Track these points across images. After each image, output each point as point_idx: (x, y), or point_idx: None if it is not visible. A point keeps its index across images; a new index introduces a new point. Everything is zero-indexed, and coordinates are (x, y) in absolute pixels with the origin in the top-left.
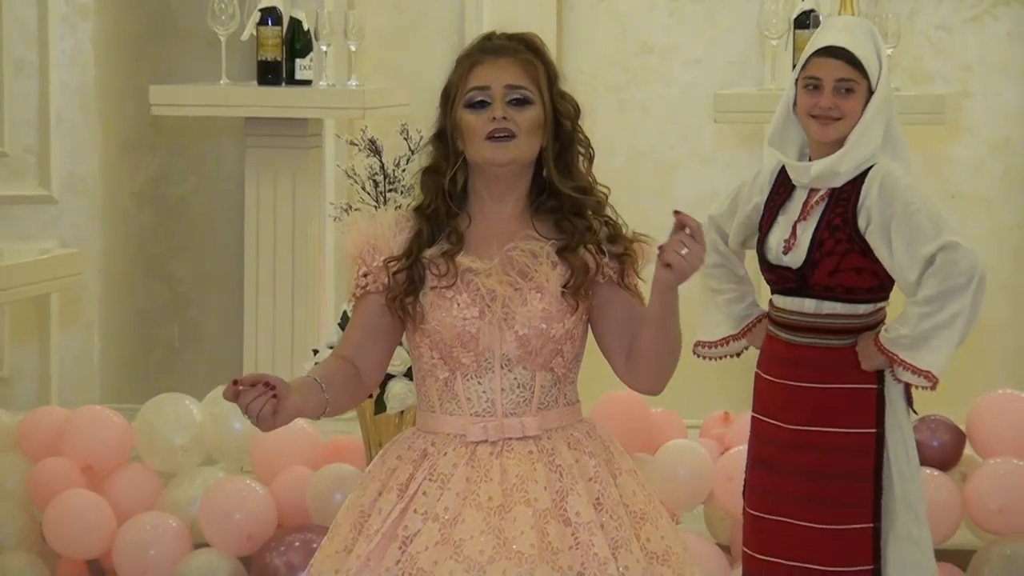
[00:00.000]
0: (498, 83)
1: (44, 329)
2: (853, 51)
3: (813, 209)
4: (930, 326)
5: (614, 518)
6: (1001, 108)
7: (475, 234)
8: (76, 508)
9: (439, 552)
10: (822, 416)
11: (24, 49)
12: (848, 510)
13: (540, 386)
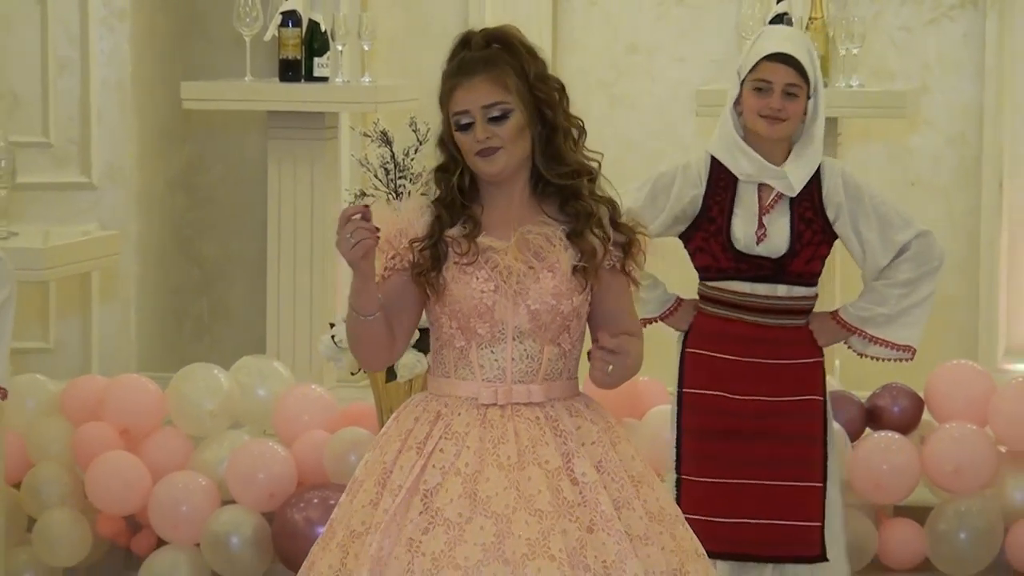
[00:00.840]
0: (475, 105)
1: (85, 304)
2: (799, 59)
3: (777, 203)
4: (907, 305)
5: (615, 480)
6: (957, 103)
7: (490, 219)
8: (114, 468)
9: (464, 505)
10: (787, 387)
11: (67, 48)
12: (805, 468)
13: (547, 359)
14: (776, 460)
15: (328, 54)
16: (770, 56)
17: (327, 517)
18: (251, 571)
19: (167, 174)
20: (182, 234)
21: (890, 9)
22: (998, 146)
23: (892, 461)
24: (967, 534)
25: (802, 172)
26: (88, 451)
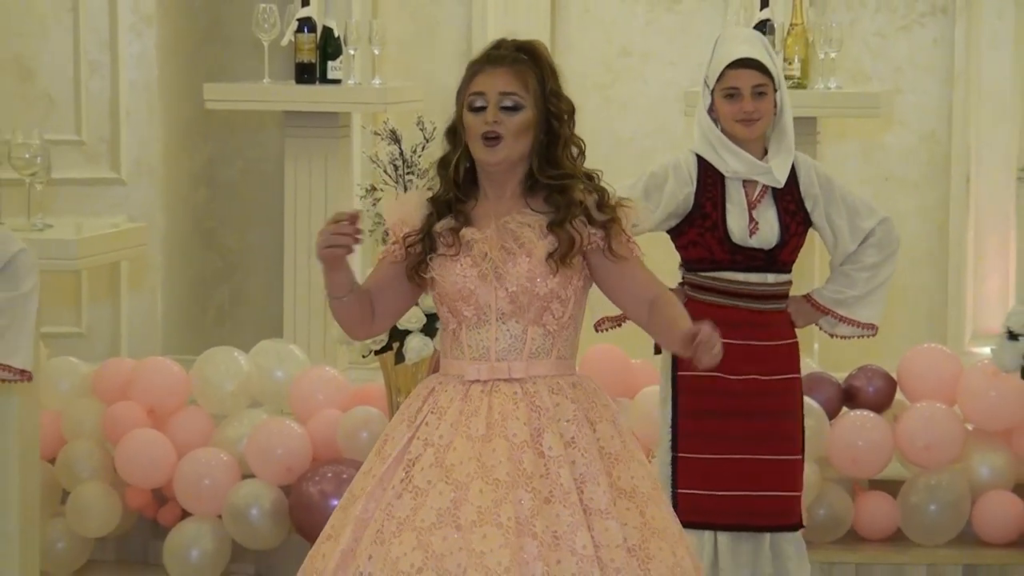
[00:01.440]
0: (493, 90)
1: (115, 292)
2: (761, 60)
3: (762, 198)
4: (873, 286)
5: (585, 456)
6: (927, 104)
7: (478, 213)
8: (142, 444)
9: (432, 473)
10: (774, 366)
11: (98, 53)
12: (787, 443)
13: (531, 338)
14: (764, 435)
15: (341, 58)
16: (733, 64)
17: (341, 490)
18: (269, 541)
19: (191, 170)
20: (204, 226)
21: (865, 16)
22: (966, 144)
23: (867, 438)
24: (937, 506)
25: (783, 165)
26: (118, 429)
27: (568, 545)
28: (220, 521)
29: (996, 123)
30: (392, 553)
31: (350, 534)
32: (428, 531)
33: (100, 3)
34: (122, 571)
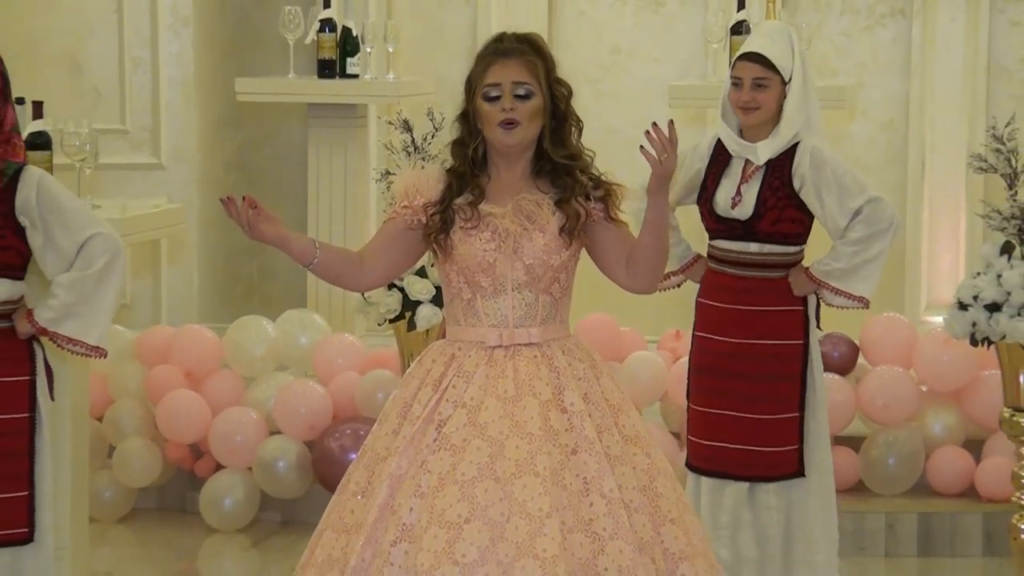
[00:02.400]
0: (507, 80)
1: (156, 266)
2: (766, 54)
3: (754, 175)
4: (860, 261)
5: (598, 408)
6: (887, 97)
7: (492, 189)
8: (180, 404)
9: (467, 432)
10: (764, 332)
11: (140, 51)
12: (780, 403)
13: (542, 305)
14: (752, 397)
15: (359, 55)
16: (741, 56)
17: (359, 445)
18: (294, 491)
19: (223, 156)
20: None
21: (832, 17)
22: (921, 132)
23: (832, 398)
24: (894, 459)
25: (770, 147)
26: (158, 389)
27: (597, 489)
28: (250, 473)
29: (948, 114)
30: (437, 505)
31: (386, 489)
32: (470, 484)
33: (142, 5)
34: (162, 518)
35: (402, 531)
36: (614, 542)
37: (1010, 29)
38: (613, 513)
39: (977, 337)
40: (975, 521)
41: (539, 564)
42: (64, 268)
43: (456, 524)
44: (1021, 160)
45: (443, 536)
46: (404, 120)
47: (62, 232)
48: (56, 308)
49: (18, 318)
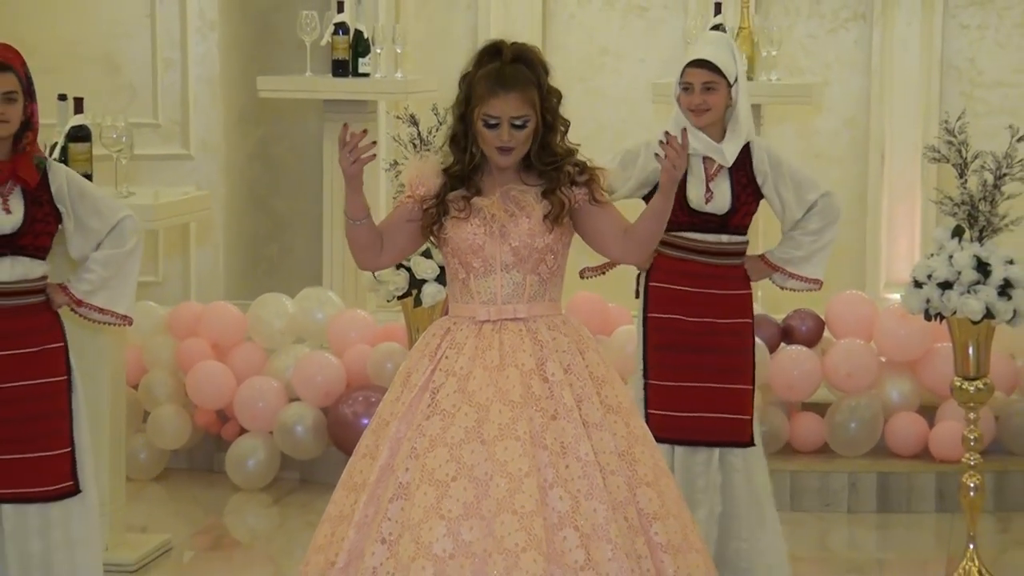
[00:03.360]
0: (506, 115)
1: (185, 247)
2: (713, 61)
3: (719, 173)
4: (816, 248)
5: (579, 379)
6: (850, 94)
7: (484, 184)
8: (208, 373)
9: (457, 398)
10: (726, 312)
11: (171, 51)
12: (738, 375)
13: (529, 285)
14: (717, 368)
15: (369, 55)
16: (690, 63)
17: (370, 411)
18: (311, 453)
19: (246, 148)
20: (258, 194)
21: (800, 21)
22: (881, 127)
23: (800, 368)
24: (856, 424)
25: (733, 147)
26: (188, 360)
27: (574, 453)
28: (271, 436)
29: (905, 110)
30: (428, 465)
31: (387, 451)
32: (458, 446)
33: (173, 11)
34: (192, 477)
35: (398, 489)
36: (588, 501)
37: (961, 32)
38: (588, 475)
39: (931, 312)
40: (928, 480)
41: (517, 518)
42: (91, 247)
43: (444, 482)
44: (971, 151)
45: (432, 493)
46: (411, 115)
47: (94, 216)
48: (93, 282)
49: (53, 291)
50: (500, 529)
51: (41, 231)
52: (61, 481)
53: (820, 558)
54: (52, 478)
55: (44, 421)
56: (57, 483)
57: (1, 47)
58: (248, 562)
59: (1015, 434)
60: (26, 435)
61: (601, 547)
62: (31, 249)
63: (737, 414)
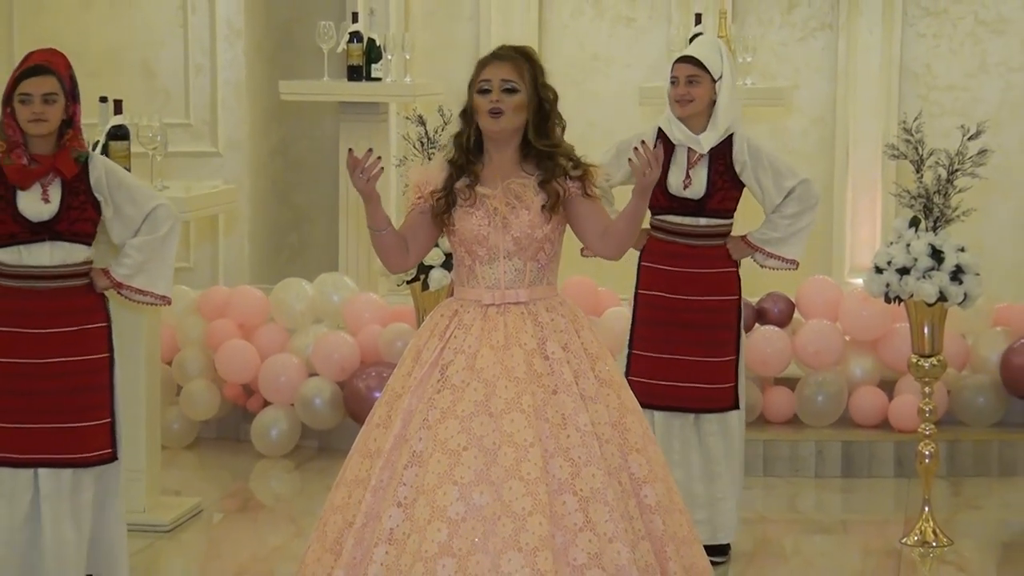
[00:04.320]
0: (496, 77)
1: (214, 236)
2: (697, 56)
3: (699, 161)
4: (793, 231)
5: (576, 356)
6: (817, 96)
7: (486, 173)
8: (235, 351)
9: (466, 374)
10: (709, 289)
11: (201, 58)
12: (721, 347)
13: (529, 271)
14: (697, 342)
15: (381, 62)
16: (678, 59)
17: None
18: (329, 423)
19: (269, 145)
20: (279, 188)
21: (772, 30)
22: (846, 126)
23: (773, 346)
24: (823, 397)
25: (711, 138)
26: (217, 339)
27: (573, 424)
28: (292, 408)
29: (867, 111)
30: (440, 435)
31: (400, 422)
32: (468, 418)
33: (203, 21)
34: (221, 446)
35: (412, 457)
36: (587, 468)
37: (918, 40)
38: (586, 443)
39: (890, 295)
40: (888, 448)
41: (524, 484)
42: (130, 234)
43: (456, 451)
44: (926, 149)
45: (445, 461)
46: (419, 116)
47: (130, 204)
48: (130, 265)
49: (96, 275)
50: (508, 494)
51: (77, 218)
52: (101, 449)
53: (790, 519)
54: (93, 446)
55: (87, 394)
56: (97, 451)
57: (48, 52)
58: (272, 522)
59: (965, 406)
60: (69, 407)
61: (599, 509)
62: (68, 235)
63: (716, 383)
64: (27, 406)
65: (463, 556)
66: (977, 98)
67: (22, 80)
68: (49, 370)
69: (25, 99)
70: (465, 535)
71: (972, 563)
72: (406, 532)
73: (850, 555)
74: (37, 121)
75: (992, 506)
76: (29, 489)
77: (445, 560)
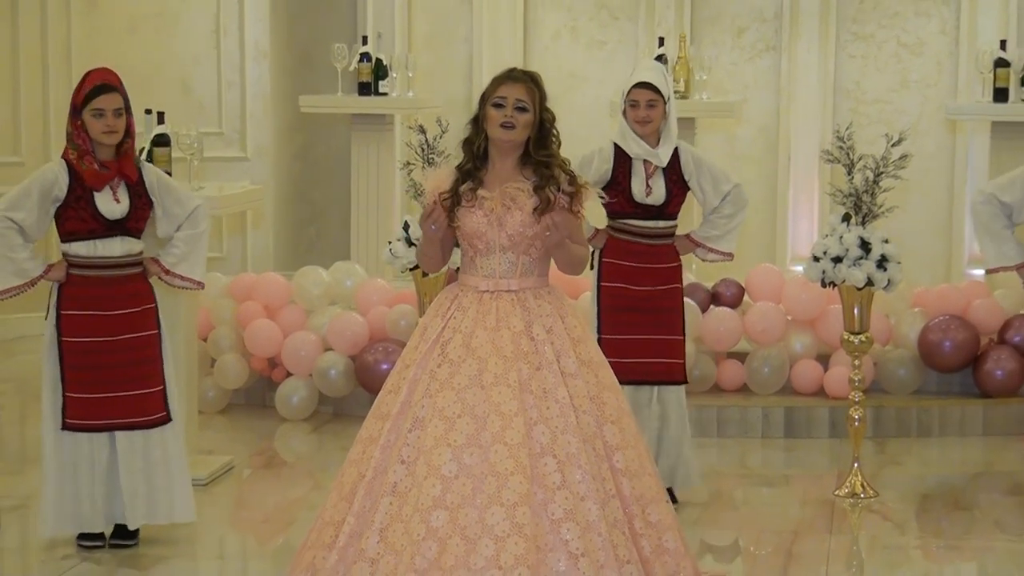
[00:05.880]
0: (511, 95)
1: (243, 230)
2: (654, 83)
3: (655, 172)
4: (728, 228)
5: (559, 338)
6: (763, 109)
7: (489, 178)
8: (261, 329)
9: (463, 351)
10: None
11: (232, 75)
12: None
13: (522, 263)
14: (654, 324)
15: (388, 79)
16: (637, 85)
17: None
18: (342, 391)
19: (291, 151)
20: (300, 187)
21: (725, 52)
22: (788, 135)
23: (725, 325)
24: (768, 369)
25: (666, 152)
26: (245, 318)
27: (553, 396)
28: (311, 378)
29: (806, 122)
30: (438, 403)
31: (406, 390)
32: (463, 389)
33: (234, 44)
34: (249, 411)
35: (415, 421)
36: (564, 435)
37: (849, 61)
38: (564, 414)
39: (825, 281)
40: (823, 413)
41: (507, 448)
42: (173, 229)
43: (451, 418)
44: (856, 154)
45: (441, 426)
46: (420, 125)
47: (176, 205)
48: (176, 255)
49: (149, 264)
50: (494, 456)
51: (140, 216)
52: (157, 412)
53: (740, 474)
54: (151, 410)
55: (144, 366)
56: (155, 414)
57: (106, 71)
58: (293, 477)
59: (889, 377)
60: (130, 376)
61: (573, 471)
62: (133, 231)
63: (671, 358)
64: (99, 379)
65: (454, 509)
66: (899, 110)
67: (94, 97)
68: (115, 346)
69: (98, 114)
70: (456, 491)
71: (894, 511)
72: (407, 486)
73: (791, 505)
74: (110, 132)
75: (911, 463)
76: (105, 449)
77: (438, 512)
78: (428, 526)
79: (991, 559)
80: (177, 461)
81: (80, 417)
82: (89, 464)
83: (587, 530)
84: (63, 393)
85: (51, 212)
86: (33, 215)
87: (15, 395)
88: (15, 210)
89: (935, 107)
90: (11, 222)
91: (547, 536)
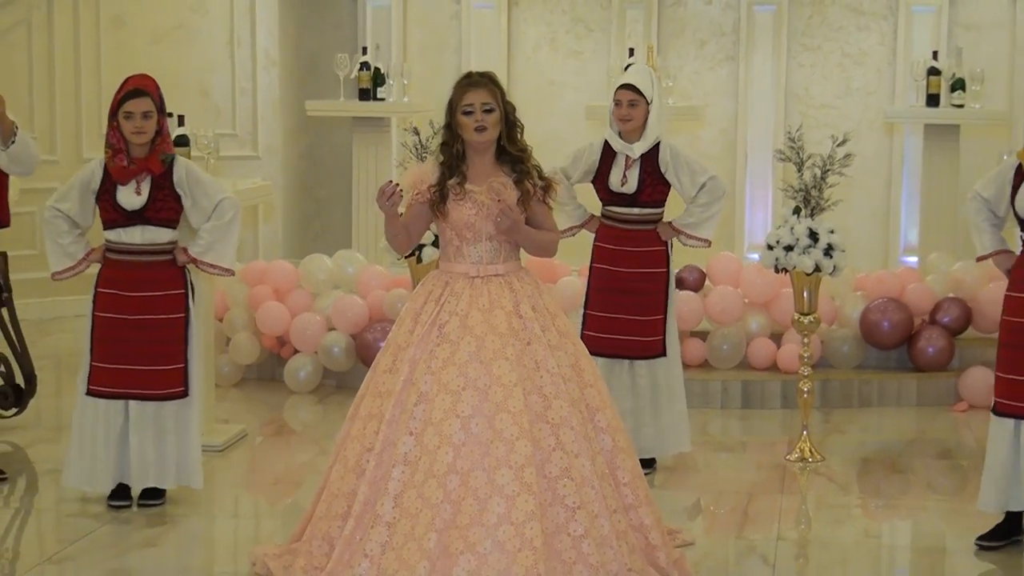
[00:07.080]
0: (477, 101)
1: (255, 222)
2: (636, 84)
3: (632, 165)
4: (706, 216)
5: (542, 315)
6: (723, 113)
7: (471, 174)
8: (272, 310)
9: (460, 331)
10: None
11: (245, 82)
12: (653, 308)
13: (504, 250)
14: (635, 304)
15: (385, 85)
16: (620, 86)
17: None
18: (344, 367)
19: (298, 151)
20: (306, 184)
21: (689, 62)
22: (744, 136)
23: (689, 306)
24: (728, 346)
25: (642, 147)
26: (257, 301)
27: (544, 367)
28: (316, 355)
29: (761, 124)
30: (443, 379)
31: (407, 368)
32: (464, 364)
33: (247, 53)
34: (261, 385)
35: (420, 396)
36: (556, 401)
37: (799, 69)
38: (555, 382)
39: (778, 267)
40: (776, 386)
41: (511, 416)
42: (204, 219)
43: (456, 391)
44: (806, 154)
45: (448, 399)
46: (414, 127)
47: (204, 197)
48: (204, 244)
49: (178, 252)
50: (499, 423)
51: (162, 207)
52: (173, 387)
53: (702, 441)
54: (168, 385)
55: (164, 345)
56: (173, 388)
57: (141, 78)
58: (300, 444)
59: (834, 353)
60: (148, 353)
61: (566, 433)
62: (155, 220)
63: (648, 336)
64: (119, 351)
65: (465, 472)
66: (843, 115)
67: (125, 101)
68: (135, 324)
69: (128, 116)
70: (466, 456)
71: (839, 474)
72: (417, 455)
73: (747, 468)
74: (138, 133)
75: (854, 430)
76: (120, 416)
77: (452, 476)
78: (444, 490)
79: (924, 517)
80: (188, 433)
81: (101, 384)
82: (104, 428)
83: (582, 485)
84: (90, 362)
85: (91, 202)
86: (76, 205)
87: (52, 370)
88: (62, 201)
89: (875, 111)
90: (58, 211)
91: (546, 492)
